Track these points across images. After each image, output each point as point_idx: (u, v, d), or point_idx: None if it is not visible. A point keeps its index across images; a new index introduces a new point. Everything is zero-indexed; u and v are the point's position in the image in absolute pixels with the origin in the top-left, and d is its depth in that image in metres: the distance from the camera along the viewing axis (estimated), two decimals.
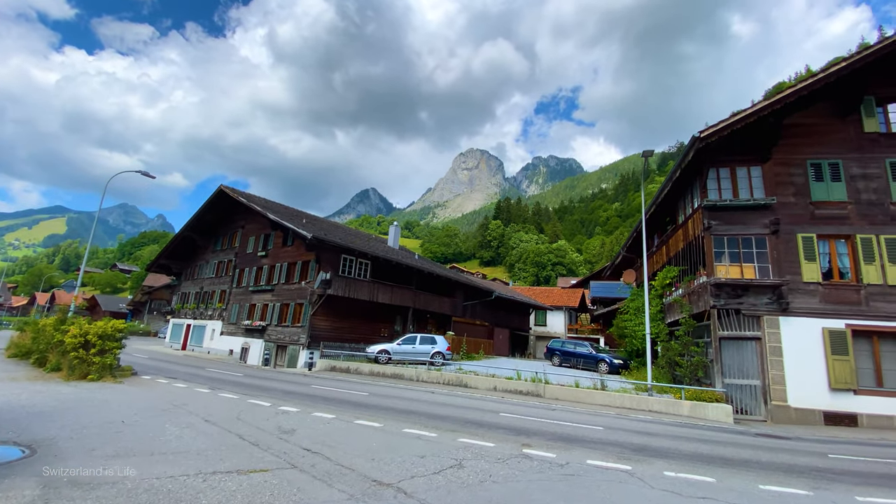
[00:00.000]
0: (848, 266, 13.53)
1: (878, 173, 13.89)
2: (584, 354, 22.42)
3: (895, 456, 8.48)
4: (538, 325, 42.28)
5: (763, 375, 13.18)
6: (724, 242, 14.24)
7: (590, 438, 8.15)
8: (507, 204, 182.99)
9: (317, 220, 27.53)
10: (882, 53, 12.95)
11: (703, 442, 8.64)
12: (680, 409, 12.78)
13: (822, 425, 12.40)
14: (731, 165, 14.92)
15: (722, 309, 13.80)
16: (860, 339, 12.94)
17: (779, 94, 13.13)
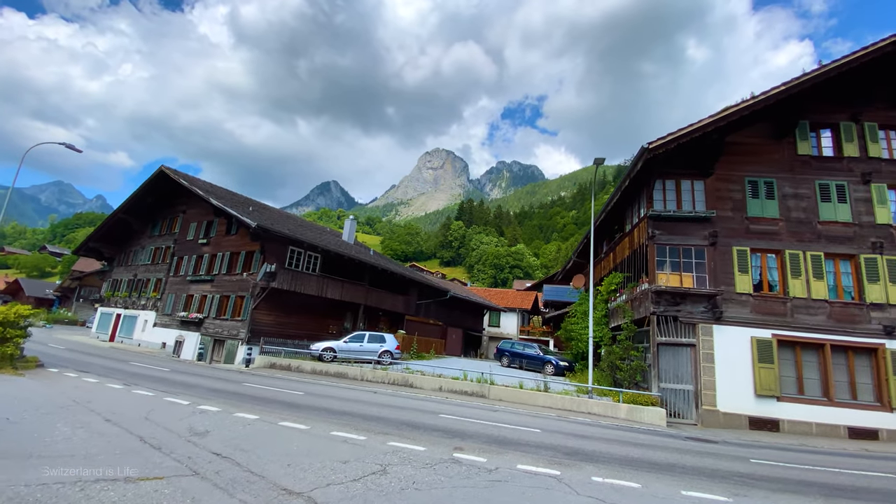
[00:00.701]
0: (777, 279, 14.35)
1: (808, 194, 14.83)
2: (531, 356, 22.66)
3: (811, 462, 8.93)
4: (492, 325, 42.61)
5: (696, 381, 13.73)
6: (667, 251, 14.73)
7: (526, 441, 8.04)
8: (470, 205, 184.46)
9: (266, 210, 26.25)
10: (816, 81, 13.81)
11: (635, 445, 8.76)
12: (617, 412, 13.05)
13: (748, 429, 13.04)
14: (676, 178, 15.46)
15: (661, 316, 14.26)
16: (784, 349, 13.75)
17: (722, 113, 13.72)
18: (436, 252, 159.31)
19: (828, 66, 13.72)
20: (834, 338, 13.46)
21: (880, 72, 14.61)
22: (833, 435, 12.82)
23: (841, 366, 13.47)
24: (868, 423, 12.83)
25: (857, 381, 13.31)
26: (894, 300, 13.49)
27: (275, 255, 19.96)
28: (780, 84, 13.69)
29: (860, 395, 13.23)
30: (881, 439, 12.66)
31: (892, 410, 12.82)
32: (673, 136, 13.74)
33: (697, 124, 13.76)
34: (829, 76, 13.68)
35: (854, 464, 9.04)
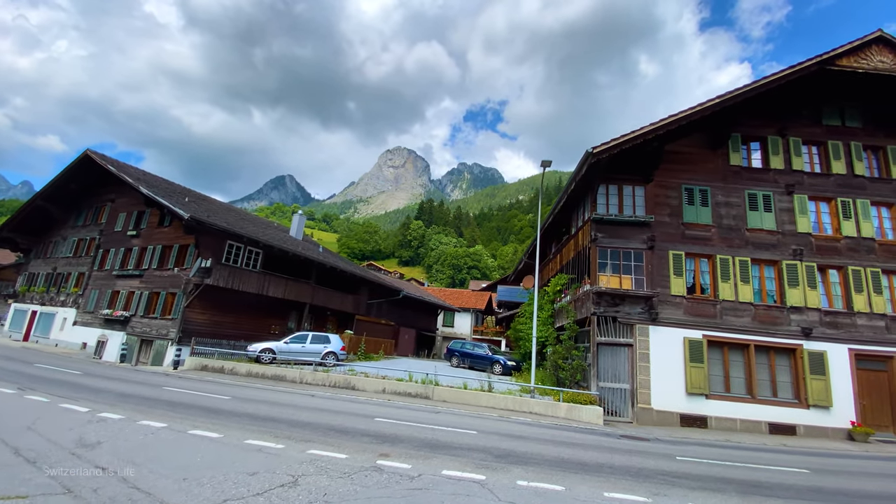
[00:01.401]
0: (708, 283, 15.07)
1: (738, 202, 15.69)
2: (480, 356, 22.67)
3: (733, 458, 9.31)
4: (446, 325, 42.51)
5: (632, 380, 14.13)
6: (608, 254, 15.09)
7: (458, 444, 7.81)
8: (430, 205, 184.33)
9: (206, 201, 24.66)
10: (747, 96, 14.61)
11: (569, 445, 8.77)
12: (558, 411, 13.18)
13: (679, 427, 13.57)
14: (619, 183, 15.90)
15: (601, 316, 14.58)
16: (714, 349, 14.44)
17: (661, 121, 14.22)
18: (394, 251, 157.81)
19: (757, 83, 14.56)
20: (758, 338, 14.29)
21: (804, 91, 15.71)
22: (755, 430, 13.59)
23: (763, 365, 14.32)
24: (787, 419, 13.69)
25: (777, 380, 14.19)
26: (812, 303, 14.51)
27: (210, 250, 18.72)
28: (716, 97, 14.39)
29: (780, 392, 14.11)
30: (798, 434, 13.55)
31: (808, 407, 13.75)
32: (616, 141, 14.09)
33: (639, 131, 14.19)
34: (758, 91, 14.52)
35: (772, 459, 9.52)
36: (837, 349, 14.09)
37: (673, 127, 14.34)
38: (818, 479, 7.55)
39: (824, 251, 15.02)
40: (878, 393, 14.08)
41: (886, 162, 16.00)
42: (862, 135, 16.28)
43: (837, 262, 14.88)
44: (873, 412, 13.93)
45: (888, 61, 14.68)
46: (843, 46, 14.71)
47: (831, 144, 16.12)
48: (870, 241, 15.09)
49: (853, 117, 16.49)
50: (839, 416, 13.61)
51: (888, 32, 14.74)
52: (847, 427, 13.43)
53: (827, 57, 14.62)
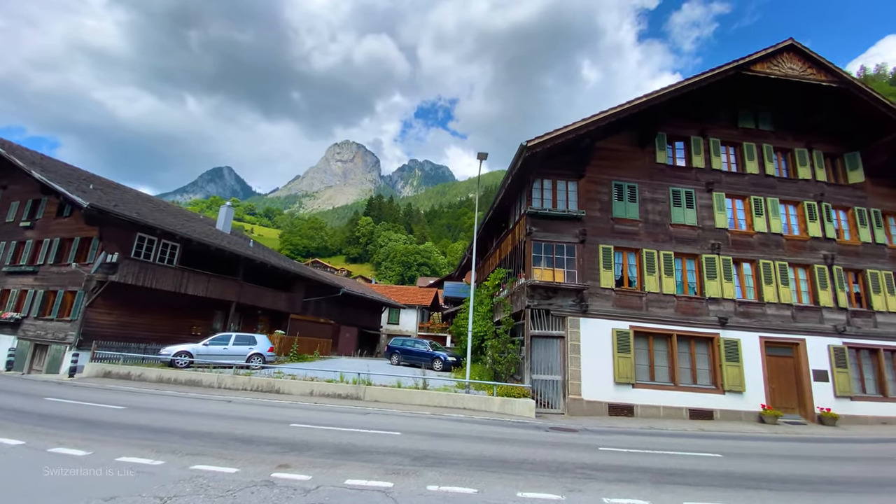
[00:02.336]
0: (635, 276, 15.56)
1: (663, 199, 16.32)
2: (421, 352, 22.24)
3: (653, 446, 9.50)
4: (391, 323, 41.72)
5: (564, 371, 14.28)
6: (542, 248, 15.16)
7: (376, 448, 7.28)
8: (380, 202, 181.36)
9: (118, 189, 22.22)
10: (671, 96, 15.18)
11: (494, 441, 8.51)
12: (491, 406, 13.01)
13: (607, 416, 13.88)
14: (553, 178, 16.02)
15: (535, 309, 14.61)
16: (640, 339, 14.92)
17: (592, 117, 14.44)
18: (342, 248, 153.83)
19: (681, 83, 15.18)
20: (680, 328, 14.94)
21: (723, 95, 16.60)
22: (677, 416, 14.18)
23: (685, 353, 15.00)
24: (705, 405, 14.41)
25: (697, 367, 14.92)
26: (728, 295, 15.38)
27: (117, 243, 16.79)
28: (643, 95, 14.83)
29: (699, 379, 14.85)
30: (715, 419, 14.30)
31: (724, 393, 14.55)
32: (549, 135, 14.13)
33: (571, 126, 14.31)
34: (682, 92, 15.13)
35: (689, 445, 9.84)
36: (750, 337, 15.05)
37: (603, 123, 14.60)
38: (729, 464, 7.80)
39: (739, 245, 16.00)
40: (785, 377, 15.20)
41: (794, 164, 17.33)
42: (773, 138, 17.53)
43: (750, 255, 15.91)
44: (781, 395, 15.02)
45: (797, 68, 15.84)
46: (757, 53, 15.69)
47: (746, 146, 17.21)
48: (778, 236, 16.27)
49: (765, 121, 17.71)
50: (751, 400, 14.53)
51: (799, 42, 15.92)
52: (758, 410, 14.36)
53: (743, 62, 15.52)
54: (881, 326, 15.81)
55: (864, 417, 14.78)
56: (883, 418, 14.90)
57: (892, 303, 16.04)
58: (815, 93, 16.30)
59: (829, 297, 15.74)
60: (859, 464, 8.32)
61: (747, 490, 6.14)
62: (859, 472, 7.44)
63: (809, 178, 17.13)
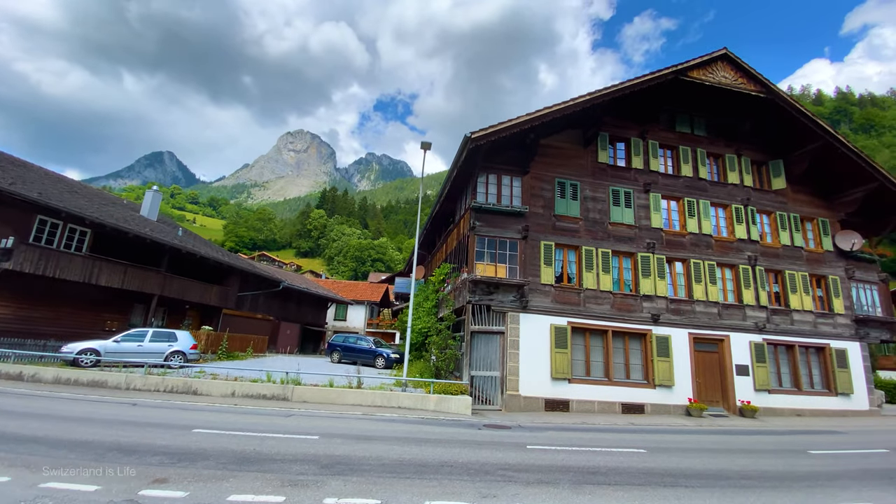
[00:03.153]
0: (574, 272, 15.68)
1: (603, 197, 16.57)
2: (364, 350, 21.51)
3: (582, 442, 9.42)
4: (338, 319, 40.42)
5: (503, 367, 14.13)
6: (486, 243, 14.90)
7: (283, 455, 6.60)
8: (333, 194, 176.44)
9: (22, 167, 19.55)
10: (613, 96, 15.37)
11: (419, 443, 8.06)
12: (427, 404, 12.57)
13: (543, 412, 13.87)
14: (498, 173, 15.83)
15: (476, 304, 14.34)
16: (577, 335, 15.06)
17: (537, 112, 14.32)
18: (291, 241, 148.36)
19: (623, 84, 15.41)
20: (615, 324, 15.23)
21: (662, 99, 17.06)
22: (610, 411, 14.44)
23: (619, 349, 15.31)
24: (637, 399, 14.77)
25: (630, 363, 15.27)
26: (660, 292, 15.86)
27: (13, 227, 14.76)
28: (586, 93, 14.90)
29: (632, 374, 15.21)
30: (646, 413, 14.69)
31: (654, 387, 14.98)
32: (494, 128, 13.85)
33: (515, 120, 14.12)
34: (623, 92, 15.36)
35: (616, 440, 9.87)
36: (680, 333, 15.61)
37: (547, 119, 14.53)
38: (652, 460, 7.80)
39: (672, 245, 16.56)
40: (710, 372, 15.91)
41: (724, 168, 18.19)
42: (706, 143, 18.31)
43: (682, 255, 16.51)
44: (707, 389, 15.70)
45: (729, 77, 16.56)
46: (694, 59, 16.25)
47: (682, 150, 17.85)
48: (708, 237, 17.01)
49: (700, 127, 18.48)
50: (679, 393, 15.07)
51: (732, 52, 16.63)
52: (685, 404, 14.91)
53: (681, 67, 16.01)
54: (797, 324, 16.95)
55: (781, 409, 15.76)
56: (797, 410, 15.97)
57: (806, 302, 17.24)
58: (745, 102, 17.16)
59: (751, 296, 16.65)
60: (773, 457, 8.63)
61: (664, 488, 6.06)
62: (772, 467, 7.67)
63: (738, 183, 18.05)
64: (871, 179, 17.40)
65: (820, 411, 16.18)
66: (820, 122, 17.04)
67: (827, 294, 17.68)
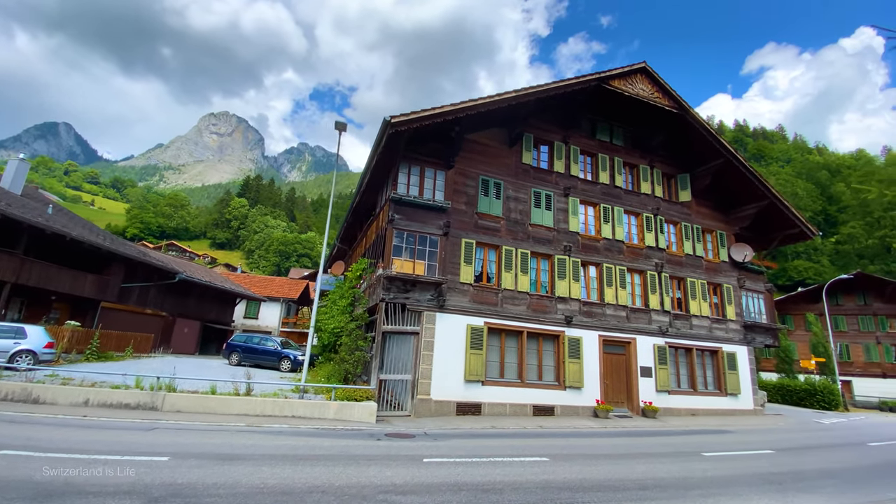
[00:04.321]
0: (494, 272, 15.32)
1: (525, 198, 16.42)
2: (268, 351, 19.57)
3: (485, 452, 8.83)
4: (249, 317, 37.21)
5: (415, 370, 13.30)
6: (404, 237, 14.01)
7: (100, 487, 5.14)
8: (258, 183, 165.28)
9: None
10: (537, 96, 15.19)
11: (298, 461, 6.91)
12: (326, 412, 11.36)
13: (455, 416, 13.24)
14: (422, 165, 15.03)
15: (391, 303, 13.39)
16: (493, 336, 14.67)
17: (462, 103, 13.71)
18: (206, 231, 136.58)
19: (548, 85, 15.35)
20: (530, 325, 15.07)
21: (585, 105, 17.30)
22: (522, 414, 14.20)
23: (533, 351, 15.18)
24: (548, 401, 14.70)
25: (543, 364, 15.20)
26: (574, 295, 16.00)
27: None
28: (511, 90, 14.58)
29: (545, 375, 15.14)
30: (556, 414, 14.65)
31: (565, 389, 15.02)
32: (416, 114, 12.99)
33: (438, 108, 13.40)
34: (547, 93, 15.27)
35: (520, 448, 9.42)
36: (591, 335, 15.86)
37: (473, 112, 13.97)
38: (553, 471, 7.36)
39: (587, 249, 16.85)
40: (617, 373, 16.35)
41: (638, 179, 18.95)
42: (623, 152, 18.96)
43: (596, 259, 16.85)
44: (614, 390, 16.10)
45: (647, 90, 17.22)
46: (617, 69, 16.67)
47: (601, 157, 18.31)
48: (620, 243, 17.56)
49: (618, 136, 19.11)
50: (588, 395, 15.26)
51: (650, 66, 17.30)
52: (593, 405, 15.12)
53: (604, 75, 16.33)
54: (695, 328, 18.06)
55: (678, 409, 16.61)
56: (692, 410, 16.94)
57: (704, 308, 18.45)
58: (660, 116, 17.97)
59: (657, 301, 17.44)
60: (670, 461, 8.64)
61: None
62: (669, 473, 7.57)
63: (649, 193, 18.90)
64: (762, 197, 19.09)
65: (712, 410, 17.35)
66: (723, 140, 18.36)
67: (721, 301, 19.11)
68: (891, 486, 7.34)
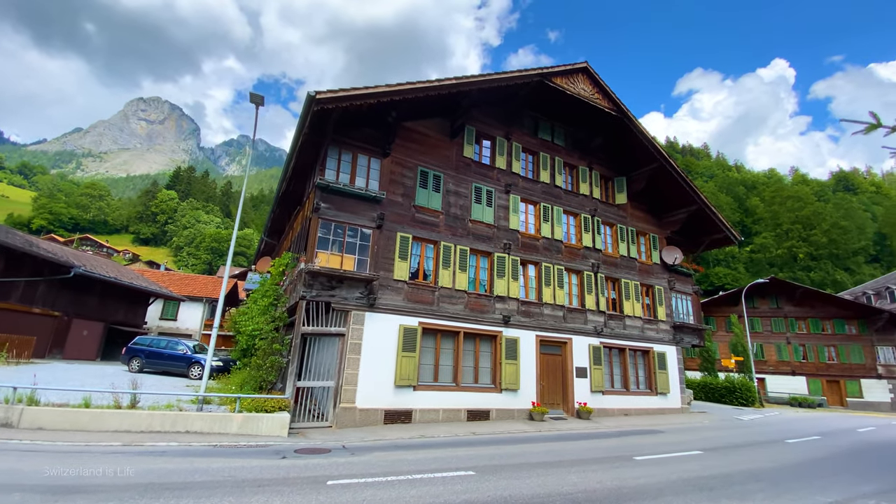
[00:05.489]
0: (431, 269, 14.43)
1: (465, 193, 15.71)
2: (176, 356, 17.35)
3: (404, 469, 7.91)
4: (166, 319, 33.65)
5: (339, 375, 12.06)
6: (332, 229, 12.73)
7: None
8: (190, 174, 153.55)
9: None
10: (479, 86, 14.42)
11: (163, 491, 5.56)
12: (228, 426, 9.84)
13: (382, 425, 12.15)
14: (355, 151, 13.84)
15: (313, 301, 12.07)
16: (428, 337, 13.75)
17: (398, 85, 12.71)
18: (129, 225, 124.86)
19: (490, 75, 14.72)
20: (468, 325, 14.33)
21: (527, 101, 16.91)
22: (456, 419, 13.38)
23: (470, 352, 14.45)
24: (483, 405, 14.00)
25: (480, 366, 14.50)
26: (513, 294, 15.50)
27: None
28: (452, 77, 13.80)
29: (481, 378, 14.44)
30: (491, 418, 13.98)
31: (501, 391, 14.40)
32: (346, 92, 11.80)
33: (372, 88, 12.28)
34: (489, 84, 14.61)
35: (448, 459, 8.57)
36: (528, 336, 15.42)
37: (410, 96, 12.99)
38: (476, 487, 6.55)
39: (527, 248, 16.45)
40: (553, 374, 16.04)
41: (577, 179, 18.93)
42: (564, 153, 18.87)
43: (535, 258, 16.50)
44: (550, 392, 15.75)
45: (588, 90, 17.17)
46: (559, 66, 16.43)
47: (542, 156, 18.06)
48: (559, 242, 17.36)
49: (560, 136, 19.00)
50: (524, 397, 14.76)
51: (592, 66, 17.27)
52: (529, 408, 14.63)
53: (547, 71, 16.03)
54: (628, 329, 18.25)
55: (611, 410, 16.60)
56: (625, 410, 17.01)
57: (637, 308, 18.72)
58: (599, 118, 18.01)
59: (592, 301, 17.41)
60: (602, 469, 8.15)
61: None
62: (601, 483, 7.02)
63: (588, 194, 18.94)
64: (692, 202, 19.77)
65: (643, 410, 17.56)
66: (657, 145, 18.78)
67: (653, 302, 19.53)
68: (815, 489, 7.27)
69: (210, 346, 11.15)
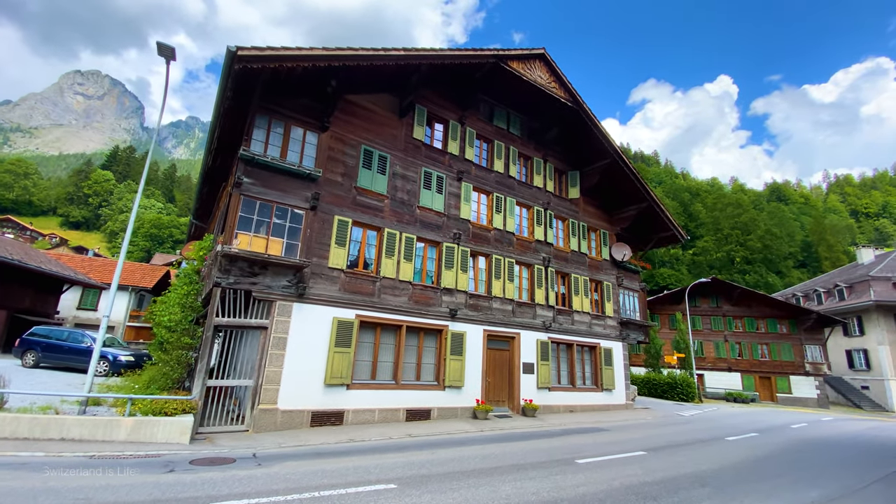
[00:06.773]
0: (373, 257, 13.30)
1: (414, 177, 14.67)
2: (80, 349, 15.22)
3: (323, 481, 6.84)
4: (84, 308, 30.34)
5: (259, 373, 10.72)
6: (257, 208, 11.30)
7: None
8: (129, 154, 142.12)
9: None
10: (430, 61, 13.38)
11: None
12: (116, 432, 8.33)
13: (308, 428, 10.94)
14: (288, 122, 12.41)
15: (230, 289, 10.63)
16: (366, 331, 12.64)
17: (336, 49, 11.38)
18: (58, 207, 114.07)
19: (443, 50, 13.76)
20: (411, 319, 13.36)
21: (482, 84, 16.03)
22: (393, 419, 12.40)
23: (412, 347, 13.48)
24: (424, 404, 13.10)
25: (423, 362, 13.58)
26: (461, 286, 14.67)
27: None
28: (401, 48, 12.67)
29: (423, 375, 13.53)
30: (433, 418, 13.10)
31: (444, 389, 13.55)
32: (275, 51, 10.35)
33: (307, 50, 10.88)
34: (442, 61, 13.61)
35: (372, 468, 7.57)
36: (475, 330, 14.67)
37: (352, 63, 11.71)
38: None
39: (478, 239, 15.67)
40: (500, 370, 15.40)
41: (532, 171, 18.37)
42: (519, 143, 18.24)
43: (486, 249, 15.76)
44: (495, 389, 15.10)
45: (544, 78, 16.55)
46: (516, 49, 15.69)
47: (497, 144, 17.33)
48: (511, 234, 16.72)
49: (515, 125, 18.35)
50: (468, 395, 14.00)
51: (549, 54, 16.65)
52: (473, 406, 13.89)
53: (503, 54, 15.22)
54: (577, 324, 17.95)
55: (557, 406, 16.20)
56: (571, 406, 16.68)
57: (585, 304, 18.46)
58: (556, 109, 17.48)
59: (542, 296, 16.92)
60: (542, 475, 7.46)
61: None
62: (538, 494, 6.29)
63: (541, 187, 18.44)
64: (643, 200, 19.77)
65: (589, 406, 17.32)
66: (610, 140, 18.55)
67: (601, 298, 19.39)
68: (761, 494, 6.88)
69: (99, 336, 9.51)
